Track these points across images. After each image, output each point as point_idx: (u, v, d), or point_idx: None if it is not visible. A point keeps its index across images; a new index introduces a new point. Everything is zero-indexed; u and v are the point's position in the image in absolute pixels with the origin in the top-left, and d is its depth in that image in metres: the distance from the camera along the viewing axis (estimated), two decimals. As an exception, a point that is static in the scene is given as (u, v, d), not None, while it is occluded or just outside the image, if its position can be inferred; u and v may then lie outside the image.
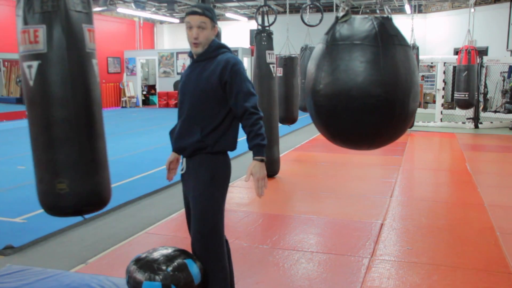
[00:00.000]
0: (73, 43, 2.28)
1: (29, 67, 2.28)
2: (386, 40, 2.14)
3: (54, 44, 2.24)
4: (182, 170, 2.52)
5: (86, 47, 2.34)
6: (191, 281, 2.28)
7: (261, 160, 2.33)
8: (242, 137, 2.35)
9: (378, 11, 2.41)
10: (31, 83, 2.29)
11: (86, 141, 2.38)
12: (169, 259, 2.31)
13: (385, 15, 2.25)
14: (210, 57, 2.45)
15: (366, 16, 2.24)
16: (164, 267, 2.26)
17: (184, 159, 2.50)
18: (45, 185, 2.39)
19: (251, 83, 2.45)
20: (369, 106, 2.13)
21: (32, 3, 2.23)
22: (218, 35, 2.58)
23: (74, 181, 2.35)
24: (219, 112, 2.40)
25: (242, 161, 6.63)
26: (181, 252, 2.39)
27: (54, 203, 2.39)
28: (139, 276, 2.25)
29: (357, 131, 2.24)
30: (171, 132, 2.59)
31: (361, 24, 2.19)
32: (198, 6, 2.43)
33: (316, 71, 2.25)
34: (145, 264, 2.29)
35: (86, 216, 2.54)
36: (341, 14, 2.25)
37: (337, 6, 12.61)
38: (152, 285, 2.22)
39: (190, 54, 2.54)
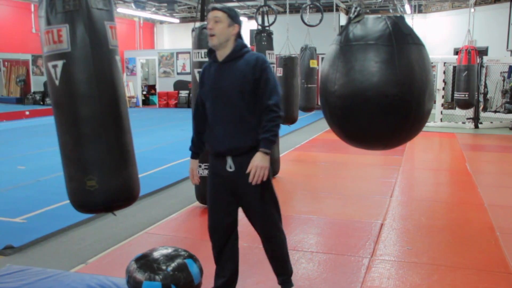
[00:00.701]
0: (97, 41, 2.30)
1: (54, 66, 2.30)
2: (400, 39, 2.13)
3: (78, 42, 2.26)
4: (230, 168, 2.59)
5: (109, 44, 2.36)
6: (191, 280, 2.28)
7: (265, 153, 2.45)
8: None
9: (391, 10, 2.41)
10: (56, 82, 2.31)
11: (114, 138, 2.40)
12: (169, 258, 2.31)
13: (398, 14, 2.24)
14: (238, 56, 2.57)
15: (379, 16, 2.23)
16: (164, 267, 2.26)
17: (230, 158, 2.57)
18: (75, 183, 2.40)
19: (277, 81, 2.59)
20: (385, 106, 2.11)
21: (55, 3, 2.25)
22: (240, 37, 2.66)
23: (103, 177, 2.37)
24: (259, 108, 2.53)
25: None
26: (181, 252, 2.39)
27: (84, 201, 2.41)
28: (139, 276, 2.25)
29: (373, 132, 2.23)
30: (200, 137, 2.75)
31: (375, 24, 2.17)
32: (219, 4, 2.64)
33: (330, 72, 2.24)
34: (145, 264, 2.29)
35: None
36: (353, 14, 2.23)
37: (337, 6, 12.62)
38: (152, 285, 2.22)
39: (211, 57, 2.66)
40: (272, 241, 2.77)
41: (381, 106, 2.11)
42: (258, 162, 2.44)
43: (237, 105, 2.52)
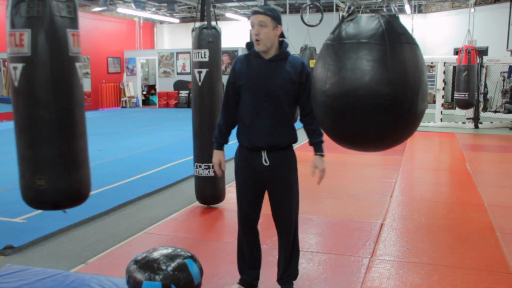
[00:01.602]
0: (56, 48, 2.38)
1: (15, 68, 2.39)
2: (394, 38, 2.09)
3: (38, 48, 2.34)
4: (265, 162, 2.72)
5: (70, 51, 2.43)
6: (191, 280, 2.28)
7: (322, 155, 2.81)
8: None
9: (384, 9, 2.39)
10: (16, 83, 2.41)
11: (66, 141, 2.48)
12: (169, 258, 2.31)
13: (392, 13, 2.23)
14: (283, 58, 2.69)
15: (373, 14, 2.20)
16: (164, 267, 2.26)
17: (265, 153, 2.72)
18: (26, 181, 2.52)
19: None
20: (377, 105, 2.07)
21: (19, 8, 2.32)
22: (282, 35, 2.73)
23: (52, 178, 2.46)
24: (295, 108, 2.77)
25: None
26: (181, 252, 2.39)
27: (34, 198, 2.52)
28: (139, 276, 2.25)
29: (364, 132, 2.17)
30: (230, 129, 2.85)
31: (368, 22, 2.14)
32: (260, 6, 2.67)
33: (322, 70, 2.20)
34: (145, 264, 2.29)
35: (67, 210, 2.67)
36: (347, 13, 2.22)
37: (337, 6, 12.63)
38: (152, 285, 2.22)
39: (253, 51, 2.70)
40: (294, 234, 2.90)
41: (373, 105, 2.07)
42: (320, 165, 2.86)
43: (281, 104, 2.66)
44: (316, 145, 2.77)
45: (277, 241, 2.94)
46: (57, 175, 2.47)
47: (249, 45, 2.75)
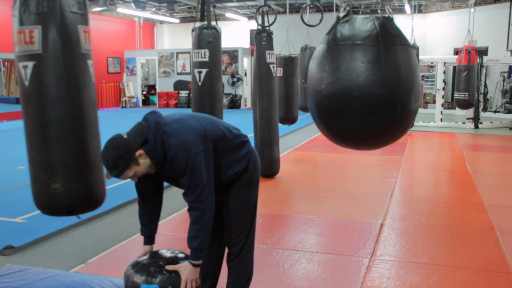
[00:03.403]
0: (68, 44, 2.28)
1: (25, 67, 2.28)
2: (388, 40, 2.14)
3: (49, 45, 2.25)
4: None
5: (81, 48, 2.34)
6: None
7: (192, 264, 2.27)
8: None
9: (379, 11, 2.40)
10: (26, 83, 2.30)
11: (80, 142, 2.38)
12: (166, 261, 2.31)
13: (386, 15, 2.24)
14: (161, 161, 2.26)
15: (368, 16, 2.23)
16: (161, 270, 2.26)
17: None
18: (39, 185, 2.39)
19: (198, 165, 2.26)
20: (371, 106, 2.12)
21: (28, 4, 2.23)
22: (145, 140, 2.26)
23: (67, 181, 2.35)
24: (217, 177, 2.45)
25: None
26: (178, 254, 2.39)
27: (48, 203, 2.40)
28: (137, 279, 2.24)
29: (358, 131, 2.23)
30: None
31: (363, 24, 2.18)
32: (106, 165, 2.19)
33: (318, 71, 2.25)
34: (142, 267, 2.29)
35: (81, 216, 2.54)
36: (342, 14, 2.24)
37: (337, 6, 12.62)
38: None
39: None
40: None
41: (367, 105, 2.12)
42: (187, 275, 2.25)
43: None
44: (191, 250, 2.27)
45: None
46: (72, 178, 2.36)
47: None
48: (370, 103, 2.12)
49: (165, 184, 2.66)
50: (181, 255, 2.37)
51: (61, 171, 2.35)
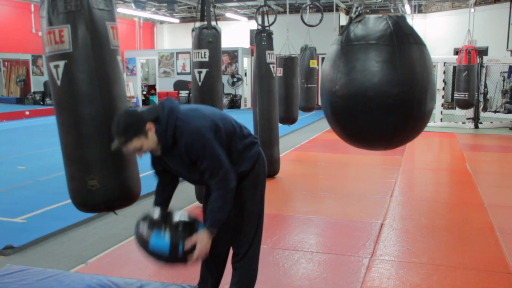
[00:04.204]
0: (98, 41, 2.30)
1: (56, 67, 2.30)
2: (402, 39, 2.12)
3: (79, 43, 2.26)
4: None
5: (111, 44, 2.36)
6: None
7: (211, 233, 2.32)
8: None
9: (392, 10, 2.40)
10: (58, 82, 2.32)
11: None
12: (177, 217, 2.32)
13: (399, 14, 2.24)
14: (171, 145, 2.32)
15: (381, 15, 2.22)
16: (172, 225, 2.27)
17: None
18: (76, 183, 2.41)
19: (215, 149, 2.33)
20: (386, 106, 2.11)
21: (56, 4, 2.25)
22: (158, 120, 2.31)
23: (104, 177, 2.38)
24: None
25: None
26: (190, 214, 2.41)
27: (86, 200, 2.42)
28: (147, 233, 2.26)
29: (374, 132, 2.22)
30: None
31: (376, 23, 2.17)
32: (115, 130, 2.21)
33: (332, 72, 2.24)
34: (153, 222, 2.30)
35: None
36: (354, 14, 2.23)
37: (337, 6, 12.62)
38: (161, 242, 2.24)
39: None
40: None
41: (383, 106, 2.11)
42: (202, 242, 2.29)
43: (198, 177, 2.46)
44: (209, 219, 2.32)
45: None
46: (109, 174, 2.38)
47: None
48: (386, 103, 2.10)
49: None
50: (191, 215, 2.37)
51: (97, 168, 2.37)
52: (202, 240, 2.27)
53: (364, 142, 2.36)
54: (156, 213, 2.38)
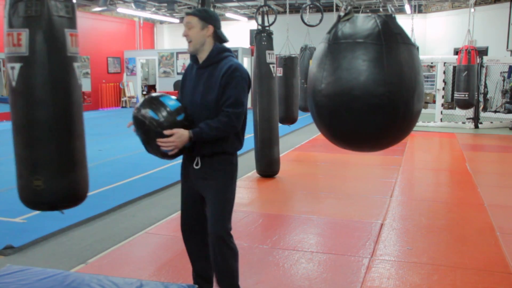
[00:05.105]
0: (55, 48, 2.36)
1: (12, 68, 2.37)
2: (390, 38, 2.08)
3: (36, 48, 2.32)
4: (197, 165, 2.63)
5: (68, 51, 2.42)
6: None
7: (190, 138, 2.46)
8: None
9: (381, 9, 2.38)
10: (13, 83, 2.39)
11: (64, 141, 2.47)
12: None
13: (388, 13, 2.22)
14: (214, 62, 2.56)
15: (369, 14, 2.20)
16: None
17: (198, 158, 2.63)
18: (23, 181, 2.53)
19: (246, 94, 2.56)
20: (372, 106, 2.06)
21: (17, 7, 2.31)
22: (220, 38, 2.62)
23: (49, 178, 2.45)
24: None
25: (240, 160, 6.62)
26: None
27: (31, 198, 2.52)
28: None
29: (359, 132, 2.17)
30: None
31: (364, 22, 2.13)
32: (192, 9, 2.60)
33: (318, 70, 2.20)
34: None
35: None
36: (343, 13, 2.22)
37: (337, 6, 12.63)
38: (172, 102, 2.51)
39: (194, 59, 2.66)
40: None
41: (368, 105, 2.06)
42: (180, 137, 2.44)
43: (214, 112, 2.52)
44: (198, 128, 2.47)
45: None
46: (54, 176, 2.47)
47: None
48: (372, 102, 2.06)
49: (166, 184, 2.69)
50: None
51: (43, 169, 2.46)
52: (181, 135, 2.43)
53: (350, 143, 2.30)
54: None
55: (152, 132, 2.50)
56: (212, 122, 2.48)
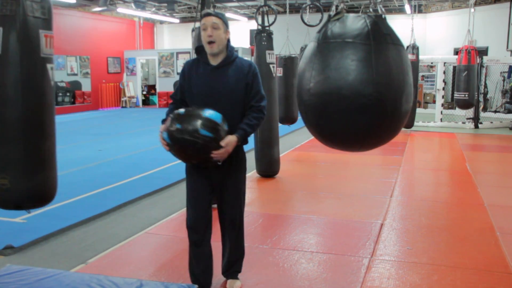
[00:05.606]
0: (28, 48, 2.36)
1: None
2: (379, 38, 2.08)
3: (9, 47, 2.32)
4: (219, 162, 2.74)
5: (41, 52, 2.41)
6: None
7: (237, 141, 2.68)
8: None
9: (371, 10, 2.37)
10: None
11: (33, 142, 2.46)
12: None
13: (378, 14, 2.22)
14: (229, 62, 2.78)
15: (359, 14, 2.19)
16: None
17: None
18: None
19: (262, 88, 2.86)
20: (360, 105, 2.06)
21: None
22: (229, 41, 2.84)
23: (16, 178, 2.44)
24: (242, 111, 2.80)
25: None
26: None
27: None
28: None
29: (347, 131, 2.17)
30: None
31: (354, 22, 2.13)
32: (212, 10, 2.75)
33: (307, 69, 2.20)
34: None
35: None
36: (333, 12, 2.22)
37: (337, 6, 12.62)
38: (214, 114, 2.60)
39: (202, 57, 2.78)
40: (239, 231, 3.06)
41: (356, 105, 2.06)
42: (229, 147, 2.65)
43: (229, 107, 2.72)
44: (240, 130, 2.72)
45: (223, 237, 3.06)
46: (21, 175, 2.45)
47: (199, 50, 2.81)
48: (360, 102, 2.05)
49: (166, 184, 2.74)
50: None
51: (10, 169, 2.43)
52: (231, 142, 2.64)
53: (338, 142, 2.30)
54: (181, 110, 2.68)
55: (207, 148, 2.58)
56: (249, 121, 2.74)
